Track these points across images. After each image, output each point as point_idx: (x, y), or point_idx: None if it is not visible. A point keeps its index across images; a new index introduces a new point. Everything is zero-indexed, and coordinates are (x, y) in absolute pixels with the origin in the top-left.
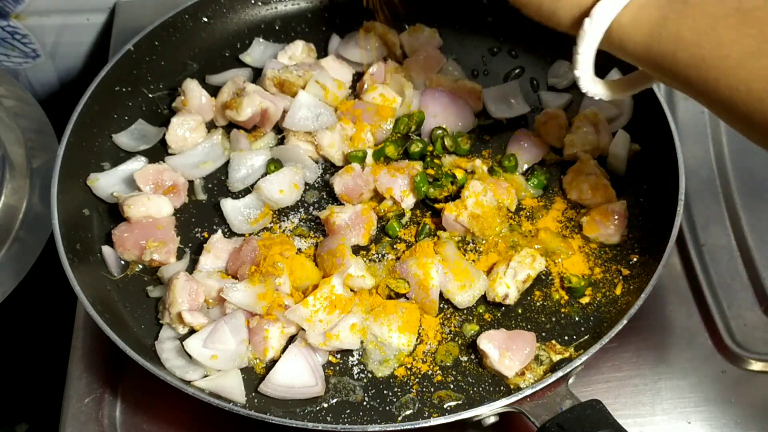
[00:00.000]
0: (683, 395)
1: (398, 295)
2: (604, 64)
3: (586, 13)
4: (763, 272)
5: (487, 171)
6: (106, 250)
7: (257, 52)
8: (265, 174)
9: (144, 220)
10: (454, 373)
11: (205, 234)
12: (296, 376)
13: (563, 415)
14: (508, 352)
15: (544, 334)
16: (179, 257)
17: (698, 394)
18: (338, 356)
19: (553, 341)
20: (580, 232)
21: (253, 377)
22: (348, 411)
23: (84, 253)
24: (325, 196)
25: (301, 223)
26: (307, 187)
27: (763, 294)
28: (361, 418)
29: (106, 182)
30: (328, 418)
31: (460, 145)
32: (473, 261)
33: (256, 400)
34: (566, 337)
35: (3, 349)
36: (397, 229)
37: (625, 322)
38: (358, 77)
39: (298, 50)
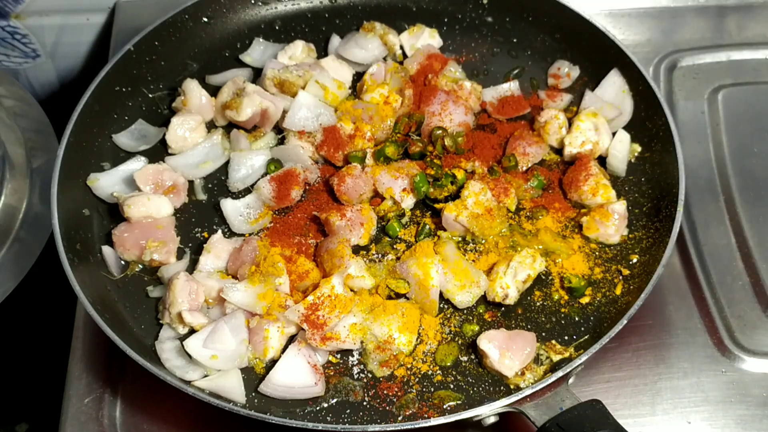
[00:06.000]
0: (683, 395)
1: (398, 295)
2: (605, 63)
3: None
4: (763, 272)
5: (487, 171)
6: (106, 250)
7: (257, 52)
8: (265, 174)
9: (144, 220)
10: (454, 373)
11: (205, 234)
12: (296, 376)
13: (563, 415)
14: (508, 352)
15: (544, 334)
16: (179, 257)
17: (698, 394)
18: (338, 356)
19: (553, 341)
20: (580, 232)
21: (253, 377)
22: (348, 411)
23: (84, 253)
24: (325, 196)
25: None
26: (307, 187)
27: (763, 294)
28: (361, 418)
29: (106, 182)
30: (328, 418)
31: (460, 145)
32: (473, 261)
33: (256, 400)
34: (566, 337)
35: (3, 349)
36: (397, 229)
37: (625, 322)
38: (358, 77)
39: (298, 50)
